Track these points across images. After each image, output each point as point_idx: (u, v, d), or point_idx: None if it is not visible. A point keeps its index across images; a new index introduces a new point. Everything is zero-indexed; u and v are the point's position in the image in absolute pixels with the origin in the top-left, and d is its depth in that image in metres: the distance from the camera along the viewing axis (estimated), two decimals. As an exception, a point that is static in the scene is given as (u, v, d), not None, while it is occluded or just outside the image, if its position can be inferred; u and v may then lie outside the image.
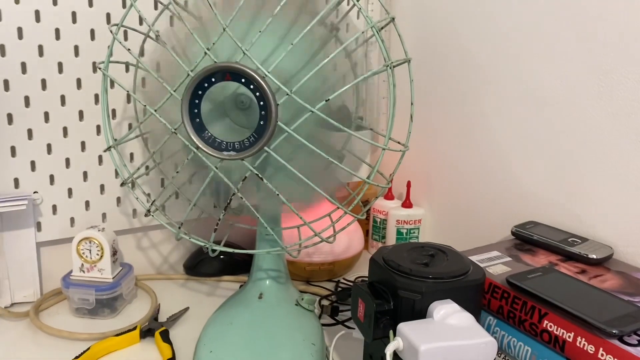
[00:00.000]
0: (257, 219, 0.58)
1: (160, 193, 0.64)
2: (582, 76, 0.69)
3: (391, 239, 0.95)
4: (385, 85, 0.99)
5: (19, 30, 0.70)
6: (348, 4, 0.87)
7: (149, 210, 0.60)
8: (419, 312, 0.50)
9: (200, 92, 0.52)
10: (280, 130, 0.51)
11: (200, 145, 0.53)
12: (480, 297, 0.54)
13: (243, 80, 0.50)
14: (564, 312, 0.52)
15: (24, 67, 0.72)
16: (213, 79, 0.51)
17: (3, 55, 0.70)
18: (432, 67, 0.92)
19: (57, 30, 0.73)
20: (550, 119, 0.74)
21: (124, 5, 0.76)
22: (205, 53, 0.51)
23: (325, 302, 0.78)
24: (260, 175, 0.53)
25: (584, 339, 0.50)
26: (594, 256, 0.64)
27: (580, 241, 0.68)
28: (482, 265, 0.64)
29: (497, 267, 0.64)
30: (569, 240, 0.68)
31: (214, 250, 0.58)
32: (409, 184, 0.94)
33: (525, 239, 0.71)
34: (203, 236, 0.60)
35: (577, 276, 0.61)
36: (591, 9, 0.67)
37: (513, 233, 0.73)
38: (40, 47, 0.72)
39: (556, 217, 0.74)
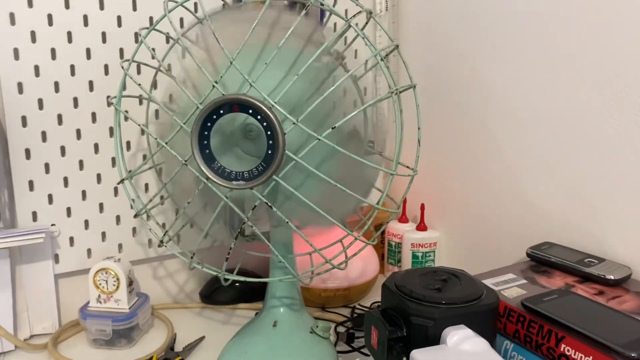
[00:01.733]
0: (269, 246, 0.58)
1: (172, 223, 0.64)
2: (595, 94, 0.69)
3: (407, 263, 0.94)
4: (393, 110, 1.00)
5: (36, 67, 0.73)
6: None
7: (161, 241, 0.61)
8: (433, 339, 0.50)
9: (209, 124, 0.53)
10: (288, 158, 0.52)
11: (210, 176, 0.53)
12: (494, 321, 0.53)
13: (250, 111, 0.51)
14: (582, 336, 0.51)
15: (40, 103, 0.74)
16: (221, 111, 0.52)
17: (21, 92, 0.72)
18: (441, 90, 0.92)
19: (72, 67, 0.75)
20: (563, 138, 0.73)
21: (136, 41, 0.78)
22: (214, 86, 0.52)
23: (340, 329, 0.78)
24: (269, 204, 0.54)
25: (602, 363, 0.49)
26: (612, 277, 0.63)
27: (597, 262, 0.67)
28: (496, 288, 0.63)
29: (513, 290, 0.63)
30: (586, 260, 0.67)
31: (226, 279, 0.59)
32: (422, 207, 0.94)
33: (540, 261, 0.70)
34: (217, 264, 0.60)
35: (594, 298, 0.60)
36: (603, 26, 0.67)
37: (528, 254, 0.72)
38: (57, 84, 0.74)
39: (572, 238, 0.73)
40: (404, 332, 0.51)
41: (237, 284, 0.88)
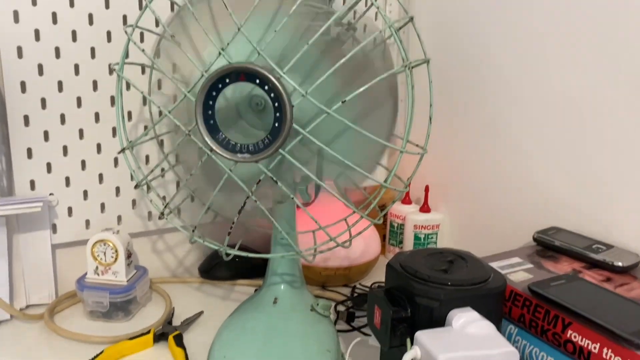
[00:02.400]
0: (271, 222, 0.57)
1: (174, 196, 0.63)
2: (608, 78, 0.67)
3: (409, 244, 0.93)
4: (403, 87, 0.98)
5: (36, 32, 0.71)
6: (366, 5, 0.86)
7: (162, 213, 0.60)
8: (438, 320, 0.49)
9: (214, 94, 0.51)
10: (295, 131, 0.50)
11: (214, 148, 0.52)
12: (501, 305, 0.52)
13: (258, 81, 0.49)
14: (590, 322, 0.50)
15: (40, 68, 0.72)
16: (227, 80, 0.50)
17: (20, 57, 0.70)
18: (451, 68, 0.90)
19: (73, 32, 0.73)
20: (574, 121, 0.71)
21: (140, 7, 0.76)
22: (220, 53, 0.50)
23: (341, 308, 0.77)
24: (274, 178, 0.52)
25: (610, 351, 0.48)
26: (620, 264, 0.62)
27: (605, 248, 0.65)
28: (503, 272, 0.62)
29: (519, 274, 0.62)
30: (593, 247, 0.66)
31: (227, 254, 0.58)
32: (427, 189, 0.93)
33: (547, 246, 0.69)
34: (218, 239, 0.59)
35: (602, 284, 0.59)
36: (618, 7, 0.65)
37: (535, 239, 0.71)
38: (57, 49, 0.72)
39: (579, 223, 0.72)
40: (408, 312, 0.50)
41: (237, 260, 0.86)
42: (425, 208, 0.93)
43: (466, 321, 0.47)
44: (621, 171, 0.67)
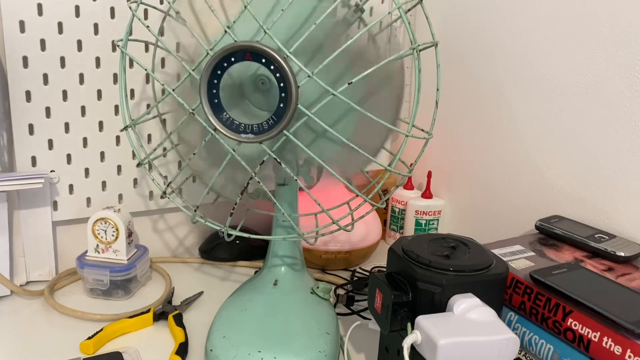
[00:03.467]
0: (274, 204, 0.56)
1: (176, 175, 0.62)
2: (613, 67, 0.66)
3: (409, 230, 0.93)
4: (408, 71, 0.97)
5: (39, 6, 0.70)
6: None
7: (164, 192, 0.59)
8: (439, 305, 0.49)
9: (219, 72, 0.50)
10: (300, 113, 0.49)
11: (218, 127, 0.51)
12: (502, 292, 0.52)
13: (263, 60, 0.49)
14: (590, 311, 0.50)
15: (43, 44, 0.71)
16: (233, 59, 0.49)
17: (22, 31, 0.69)
18: (457, 53, 0.89)
19: (77, 8, 0.72)
20: (579, 110, 0.71)
21: (144, -17, 0.75)
22: (226, 31, 0.49)
23: (340, 291, 0.77)
24: (278, 160, 0.52)
25: (610, 340, 0.48)
26: (622, 254, 0.61)
27: (607, 237, 0.65)
28: (504, 259, 0.62)
29: (520, 261, 0.62)
30: (596, 236, 0.66)
31: (229, 235, 0.57)
32: (429, 174, 0.92)
33: (549, 234, 0.69)
34: (220, 220, 0.58)
35: (604, 274, 0.59)
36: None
37: (537, 227, 0.71)
38: (60, 24, 0.71)
39: (582, 212, 0.72)
40: (409, 297, 0.50)
41: (237, 242, 0.87)
42: (427, 194, 0.92)
43: (467, 307, 0.47)
44: (625, 160, 0.66)
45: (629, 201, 0.66)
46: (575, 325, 0.51)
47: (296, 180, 0.53)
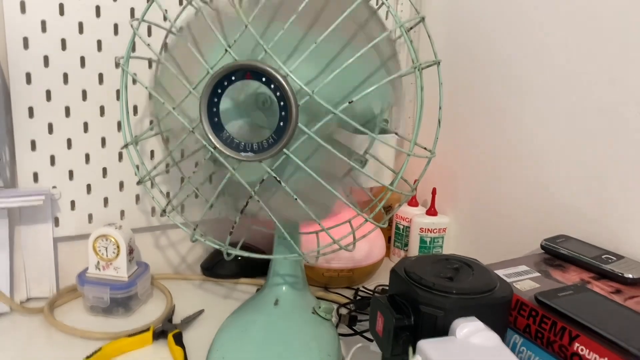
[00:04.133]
0: (274, 223, 0.56)
1: (177, 193, 0.62)
2: (619, 85, 0.66)
3: (414, 247, 0.92)
4: (413, 88, 0.97)
5: (43, 23, 0.70)
6: (377, 3, 0.84)
7: (164, 210, 0.59)
8: (441, 329, 0.48)
9: (219, 91, 0.50)
10: (300, 131, 0.49)
11: (217, 145, 0.51)
12: (507, 315, 0.51)
13: (264, 79, 0.48)
14: (597, 336, 0.49)
15: (46, 60, 0.71)
16: (233, 77, 0.49)
17: (26, 47, 0.70)
18: (461, 70, 0.89)
19: (80, 24, 0.72)
20: (585, 129, 0.70)
21: (148, 0, 0.75)
22: (226, 50, 0.49)
23: (343, 311, 0.76)
24: (278, 178, 0.51)
25: (618, 366, 0.47)
26: (630, 275, 0.60)
27: (615, 258, 0.64)
28: (509, 280, 0.61)
29: (525, 282, 0.60)
30: (603, 257, 0.64)
31: (229, 254, 0.57)
32: (434, 191, 0.91)
33: (555, 254, 0.68)
34: (222, 236, 0.58)
35: (611, 296, 0.57)
36: (629, 7, 0.64)
37: (543, 247, 0.69)
38: (64, 41, 0.71)
39: (589, 232, 0.70)
40: (411, 320, 0.49)
41: (239, 258, 0.86)
42: (431, 211, 0.91)
43: (470, 331, 0.46)
44: (633, 180, 0.65)
45: (637, 221, 0.65)
46: (582, 350, 0.50)
47: (296, 199, 0.53)
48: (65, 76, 0.73)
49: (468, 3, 0.87)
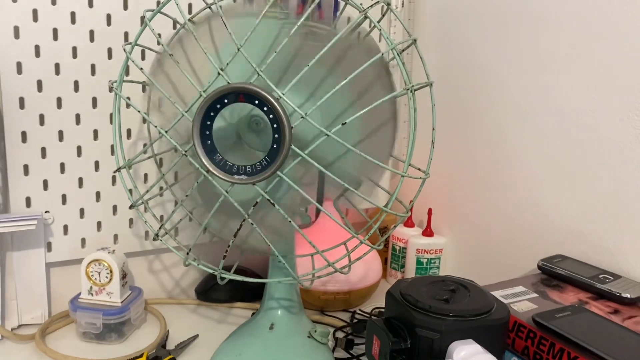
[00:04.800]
0: (268, 246, 0.55)
1: (169, 216, 0.62)
2: (615, 103, 0.66)
3: (411, 269, 0.91)
4: (405, 109, 0.97)
5: (36, 48, 0.70)
6: (369, 26, 0.85)
7: (157, 235, 0.58)
8: (438, 352, 0.47)
9: (212, 114, 0.50)
10: (293, 154, 0.49)
11: (210, 169, 0.50)
12: (504, 337, 0.50)
13: (257, 101, 0.48)
14: (597, 357, 0.48)
15: (39, 85, 0.71)
16: (226, 100, 0.49)
17: (20, 72, 0.70)
18: (455, 91, 0.89)
19: (74, 49, 0.72)
20: (581, 148, 0.70)
21: (142, 24, 0.75)
22: (219, 74, 0.49)
23: (339, 335, 0.75)
24: (272, 201, 0.51)
25: (618, 388, 0.46)
26: (628, 295, 0.60)
27: (612, 278, 0.63)
28: (506, 301, 0.60)
29: (523, 303, 0.60)
30: (600, 276, 0.64)
31: (222, 278, 0.56)
32: (430, 212, 0.91)
33: (552, 274, 0.67)
34: (215, 259, 0.57)
35: (609, 317, 0.57)
36: (624, 29, 0.64)
37: (539, 267, 0.69)
38: (57, 65, 0.72)
39: (585, 252, 0.70)
40: (407, 344, 0.49)
41: (234, 281, 0.85)
42: (428, 232, 0.91)
43: (467, 354, 0.46)
44: (630, 198, 0.65)
45: (634, 240, 0.65)
46: (581, 372, 0.49)
47: (290, 222, 0.52)
48: (59, 100, 0.73)
49: (459, 25, 0.88)
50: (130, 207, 0.59)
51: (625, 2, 0.64)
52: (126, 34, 0.75)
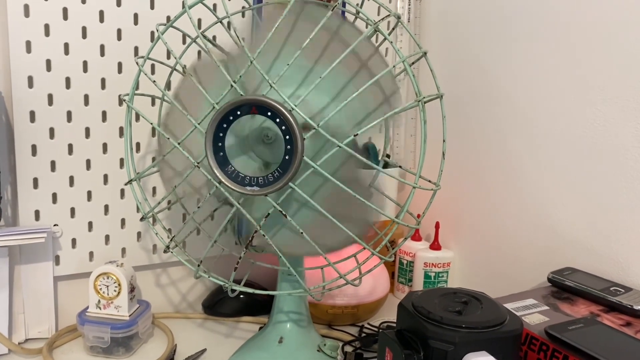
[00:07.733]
0: (279, 257, 0.55)
1: (180, 229, 0.62)
2: (624, 116, 0.66)
3: (418, 283, 0.91)
4: (414, 122, 0.97)
5: (48, 62, 0.71)
6: (377, 41, 0.86)
7: (167, 247, 0.58)
8: (452, 365, 0.47)
9: (225, 126, 0.50)
10: (305, 165, 0.49)
11: (223, 180, 0.51)
12: (517, 349, 0.50)
13: (269, 113, 0.48)
14: (611, 370, 0.48)
15: (50, 98, 0.72)
16: (239, 112, 0.49)
17: (30, 86, 0.70)
18: (464, 103, 0.90)
19: (85, 63, 0.73)
20: (589, 160, 0.70)
21: (152, 40, 0.76)
22: (232, 86, 0.50)
23: (348, 349, 0.74)
24: (283, 212, 0.51)
25: (634, 401, 0.45)
26: (640, 307, 0.59)
27: (623, 290, 0.63)
28: (517, 314, 0.60)
29: (534, 316, 0.59)
30: (611, 289, 0.64)
31: (233, 290, 0.56)
32: (437, 225, 0.91)
33: (563, 287, 0.67)
34: (223, 273, 0.57)
35: (622, 329, 0.56)
36: (629, 42, 0.65)
37: (550, 280, 0.69)
38: (68, 79, 0.72)
39: (596, 264, 0.70)
40: (421, 356, 0.48)
41: (242, 296, 0.85)
42: (435, 245, 0.91)
43: (482, 366, 0.45)
44: (638, 211, 0.65)
45: (643, 252, 0.65)
46: (595, 384, 0.49)
47: (302, 233, 0.52)
48: (69, 114, 0.73)
49: (467, 39, 0.88)
50: (142, 219, 0.59)
51: (631, 9, 0.65)
52: (136, 49, 0.75)
